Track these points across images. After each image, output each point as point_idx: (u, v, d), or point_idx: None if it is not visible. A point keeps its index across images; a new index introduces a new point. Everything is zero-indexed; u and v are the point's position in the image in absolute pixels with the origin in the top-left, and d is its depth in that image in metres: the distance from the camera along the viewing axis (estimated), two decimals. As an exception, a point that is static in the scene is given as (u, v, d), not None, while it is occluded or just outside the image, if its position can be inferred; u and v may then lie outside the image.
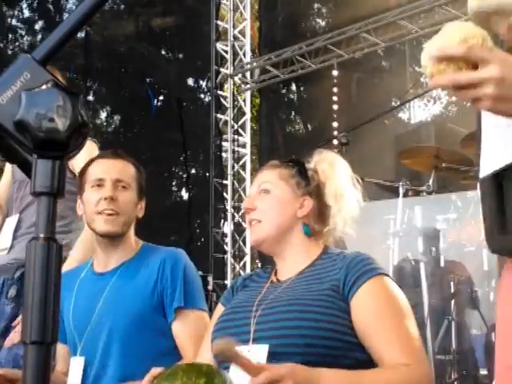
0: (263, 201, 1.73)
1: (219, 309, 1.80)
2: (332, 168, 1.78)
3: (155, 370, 1.50)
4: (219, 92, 9.00)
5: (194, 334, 1.94)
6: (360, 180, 1.81)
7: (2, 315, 2.62)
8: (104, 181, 2.02)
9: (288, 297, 1.60)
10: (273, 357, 1.50)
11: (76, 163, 2.64)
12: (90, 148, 2.67)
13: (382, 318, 1.52)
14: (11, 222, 2.77)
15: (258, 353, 1.51)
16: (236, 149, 8.94)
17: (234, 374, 1.47)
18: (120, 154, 2.11)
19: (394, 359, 1.47)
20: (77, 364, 1.97)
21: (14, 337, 2.40)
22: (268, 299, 1.64)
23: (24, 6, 14.71)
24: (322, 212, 1.74)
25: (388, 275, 1.62)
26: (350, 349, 1.52)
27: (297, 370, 1.34)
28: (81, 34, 11.87)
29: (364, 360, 1.52)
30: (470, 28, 1.04)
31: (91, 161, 2.12)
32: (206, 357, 1.69)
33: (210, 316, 1.91)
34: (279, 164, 1.80)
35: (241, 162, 8.98)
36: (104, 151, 2.17)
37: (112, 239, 2.04)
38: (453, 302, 3.97)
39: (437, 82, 1.01)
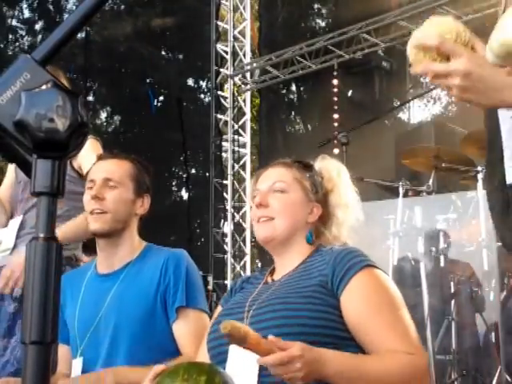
0: (278, 200, 1.71)
1: (218, 310, 1.81)
2: (339, 177, 1.79)
3: (158, 367, 1.50)
4: (219, 92, 9.00)
5: (194, 333, 1.95)
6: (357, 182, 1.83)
7: (5, 315, 2.62)
8: (94, 181, 2.06)
9: (277, 296, 1.61)
10: None
11: (83, 164, 2.65)
12: (96, 147, 2.67)
13: (373, 311, 1.52)
14: (15, 222, 2.77)
15: (250, 355, 1.51)
16: (236, 149, 8.94)
17: (232, 372, 1.48)
18: (115, 154, 2.14)
19: (390, 349, 1.47)
20: (76, 365, 1.98)
21: None
22: (260, 299, 1.64)
23: (24, 6, 14.71)
24: (326, 221, 1.76)
25: (376, 266, 1.60)
26: (342, 344, 1.51)
27: (305, 350, 1.33)
28: (81, 34, 11.87)
29: (356, 353, 1.51)
30: (447, 23, 1.17)
31: (94, 163, 2.17)
32: (205, 356, 1.69)
33: (210, 317, 1.91)
34: (292, 164, 1.78)
35: (241, 162, 8.98)
36: (102, 154, 2.19)
37: (108, 238, 2.05)
38: (453, 302, 3.97)
39: (414, 69, 1.16)
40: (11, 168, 2.96)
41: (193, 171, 14.37)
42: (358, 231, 1.76)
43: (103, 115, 15.15)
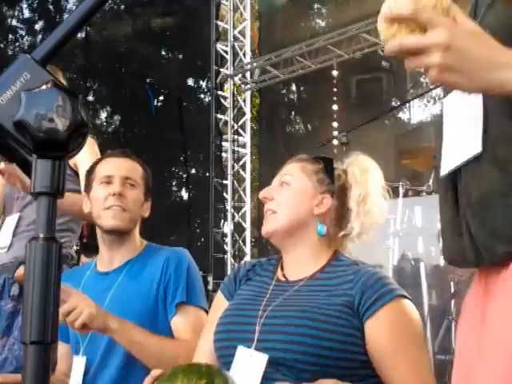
0: (281, 192, 1.67)
1: (220, 298, 1.76)
2: (363, 172, 1.71)
3: (155, 371, 1.50)
4: (219, 92, 9.00)
5: (192, 328, 1.95)
6: (391, 192, 1.75)
7: (3, 315, 2.62)
8: (112, 177, 2.03)
9: (298, 305, 1.54)
10: (276, 365, 1.47)
11: (78, 161, 2.65)
12: (92, 146, 2.68)
13: (398, 347, 1.48)
14: (11, 220, 2.77)
15: (257, 361, 1.49)
16: (236, 149, 8.94)
17: (235, 372, 1.47)
18: (129, 154, 2.14)
19: None
20: (79, 363, 1.98)
21: None
22: (275, 302, 1.58)
23: (24, 6, 14.71)
24: (341, 215, 1.68)
25: (406, 296, 1.55)
26: (360, 367, 1.48)
27: None
28: (81, 34, 11.87)
29: (370, 375, 1.50)
30: None
31: (100, 159, 2.16)
32: (203, 354, 1.67)
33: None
34: (306, 158, 1.73)
35: (241, 162, 8.98)
36: (113, 150, 2.18)
37: (118, 236, 2.05)
38: (453, 302, 3.98)
39: (386, 48, 0.92)
40: None
41: (193, 171, 14.37)
42: (376, 231, 1.69)
43: (103, 115, 15.15)
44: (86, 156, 2.53)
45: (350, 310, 1.50)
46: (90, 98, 14.27)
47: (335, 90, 8.62)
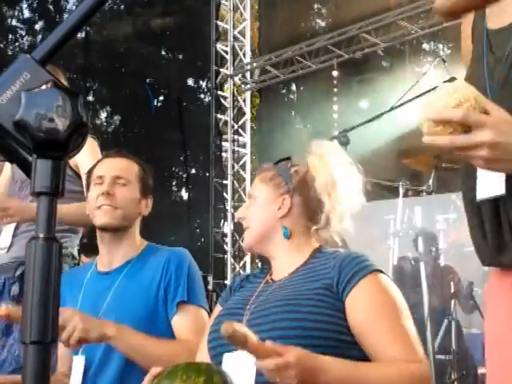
0: (249, 208, 1.76)
1: (217, 309, 1.80)
2: (321, 160, 1.70)
3: (155, 370, 1.50)
4: (219, 92, 9.00)
5: (193, 327, 1.96)
6: (360, 168, 1.72)
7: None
8: (104, 178, 2.07)
9: (279, 297, 1.59)
10: None
11: (80, 162, 2.66)
12: (93, 147, 2.68)
13: (378, 316, 1.51)
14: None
15: (246, 356, 1.51)
16: (236, 149, 8.94)
17: (229, 372, 1.48)
18: (123, 153, 2.16)
19: (392, 357, 1.46)
20: (78, 363, 1.98)
21: None
22: (259, 299, 1.63)
23: (24, 6, 14.72)
24: (310, 208, 1.69)
25: (382, 271, 1.59)
26: (345, 347, 1.50)
27: (301, 357, 1.31)
28: (81, 34, 11.87)
29: (359, 358, 1.50)
30: (464, 89, 1.08)
31: (97, 162, 2.19)
32: (205, 354, 1.69)
33: (210, 316, 1.91)
34: (265, 167, 1.80)
35: (241, 162, 8.98)
36: (109, 151, 2.21)
37: (113, 233, 2.06)
38: (453, 302, 3.98)
39: (434, 141, 1.06)
40: (8, 166, 2.96)
41: (193, 171, 14.38)
42: (356, 217, 1.69)
43: (103, 115, 15.16)
44: (86, 157, 2.54)
45: (330, 292, 1.54)
46: (90, 98, 14.28)
47: (335, 90, 8.62)
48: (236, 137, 8.95)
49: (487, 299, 1.31)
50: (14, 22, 14.70)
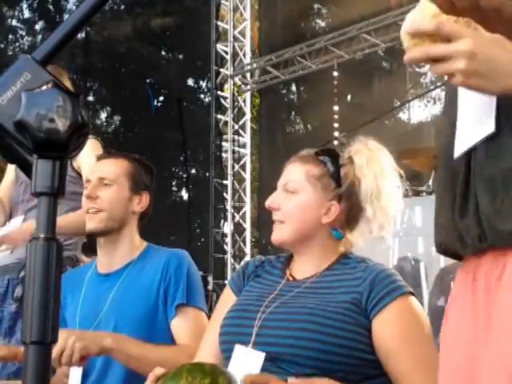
0: (287, 202, 1.62)
1: (228, 292, 1.74)
2: (369, 164, 1.61)
3: (158, 370, 1.50)
4: (219, 92, 9.01)
5: (192, 330, 1.95)
6: (403, 174, 1.65)
7: (6, 316, 2.62)
8: (90, 182, 2.07)
9: (300, 303, 1.53)
10: (275, 360, 1.46)
11: (82, 164, 2.66)
12: (96, 148, 2.68)
13: (406, 343, 1.47)
14: (16, 222, 2.78)
15: (255, 359, 1.49)
16: (236, 149, 8.95)
17: (233, 370, 1.47)
18: (112, 153, 2.14)
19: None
20: (75, 374, 1.96)
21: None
22: (281, 300, 1.57)
23: (24, 6, 14.73)
24: (351, 214, 1.62)
25: (413, 293, 1.54)
26: (365, 365, 1.47)
27: None
28: (81, 34, 11.87)
29: (373, 374, 1.49)
30: None
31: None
32: (204, 356, 1.67)
33: (209, 317, 1.91)
34: (308, 158, 1.65)
35: (241, 162, 8.99)
36: (100, 154, 2.21)
37: (104, 236, 2.05)
38: (453, 302, 3.97)
39: (410, 55, 0.99)
40: (11, 168, 2.96)
41: (193, 171, 14.39)
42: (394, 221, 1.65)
43: (103, 115, 15.17)
44: (89, 159, 2.53)
45: (357, 308, 1.48)
46: (90, 98, 14.28)
47: (335, 90, 8.62)
48: (236, 137, 8.96)
49: (450, 299, 1.25)
50: (14, 22, 14.71)
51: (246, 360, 1.50)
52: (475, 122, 1.06)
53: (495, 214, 1.00)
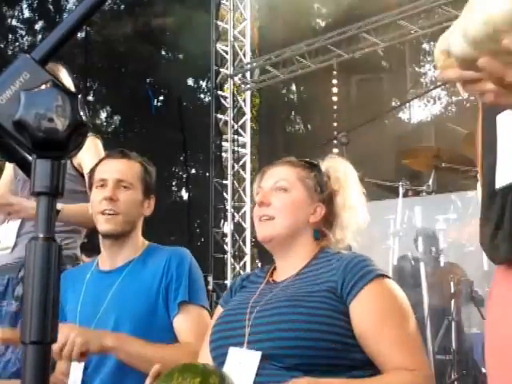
0: (279, 198, 1.70)
1: (218, 310, 1.80)
2: (346, 177, 1.76)
3: (155, 368, 1.50)
4: (219, 92, 9.00)
5: (195, 328, 1.95)
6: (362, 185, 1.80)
7: (6, 314, 2.62)
8: (106, 181, 2.05)
9: (282, 298, 1.59)
10: (269, 359, 1.49)
11: (83, 162, 2.65)
12: (96, 146, 2.68)
13: (383, 322, 1.51)
14: (15, 221, 2.77)
15: (250, 358, 1.51)
16: (236, 149, 8.94)
17: (229, 371, 1.48)
18: (125, 154, 2.13)
19: (396, 364, 1.47)
20: (76, 369, 1.97)
21: None
22: (263, 300, 1.63)
23: (24, 6, 14.73)
24: (329, 220, 1.73)
25: (387, 276, 1.59)
26: (347, 350, 1.51)
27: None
28: (81, 34, 11.88)
29: (361, 360, 1.52)
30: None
31: (99, 161, 2.16)
32: (207, 355, 1.69)
33: (211, 315, 1.92)
34: (297, 163, 1.77)
35: (241, 162, 8.98)
36: (111, 151, 2.18)
37: (115, 239, 2.05)
38: (453, 302, 3.97)
39: (444, 74, 1.01)
40: (9, 166, 2.96)
41: (193, 171, 14.40)
42: (361, 232, 1.75)
43: (103, 115, 15.18)
44: (90, 157, 2.53)
45: (334, 295, 1.54)
46: (90, 98, 14.28)
47: (335, 90, 8.62)
48: (236, 137, 8.95)
49: (493, 298, 1.29)
50: (14, 22, 14.71)
51: (242, 360, 1.53)
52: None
53: None
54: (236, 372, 1.51)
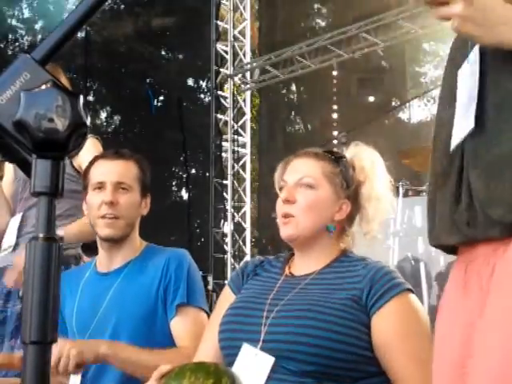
0: (305, 196, 1.62)
1: (227, 293, 1.75)
2: (373, 167, 1.68)
3: (164, 367, 1.49)
4: (219, 92, 9.00)
5: (192, 331, 1.94)
6: (393, 182, 1.72)
7: (13, 315, 2.62)
8: (104, 184, 2.00)
9: (304, 302, 1.54)
10: (281, 361, 1.47)
11: (84, 162, 2.65)
12: (96, 147, 2.68)
13: (403, 340, 1.49)
14: (15, 220, 2.77)
15: (263, 362, 1.49)
16: (236, 149, 8.94)
17: (239, 370, 1.47)
18: (121, 154, 2.08)
19: (408, 379, 1.46)
20: (74, 382, 1.96)
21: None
22: (283, 300, 1.58)
23: (24, 6, 14.72)
24: (353, 214, 1.67)
25: (412, 291, 1.56)
26: (364, 362, 1.49)
27: None
28: (81, 34, 11.86)
29: (374, 372, 1.50)
30: None
31: (93, 161, 2.11)
32: (204, 356, 1.66)
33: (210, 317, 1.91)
34: (322, 156, 1.67)
35: (241, 162, 8.98)
36: (106, 151, 2.16)
37: (115, 242, 2.04)
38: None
39: None
40: (10, 166, 2.96)
41: (193, 171, 14.38)
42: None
43: (103, 115, 15.17)
44: (90, 157, 2.53)
45: (357, 305, 1.50)
46: (90, 98, 14.27)
47: (335, 90, 8.63)
48: (236, 137, 8.95)
49: (443, 303, 1.23)
50: (13, 22, 14.70)
51: (254, 362, 1.50)
52: (463, 118, 1.09)
53: (488, 200, 1.01)
54: (246, 373, 1.48)
